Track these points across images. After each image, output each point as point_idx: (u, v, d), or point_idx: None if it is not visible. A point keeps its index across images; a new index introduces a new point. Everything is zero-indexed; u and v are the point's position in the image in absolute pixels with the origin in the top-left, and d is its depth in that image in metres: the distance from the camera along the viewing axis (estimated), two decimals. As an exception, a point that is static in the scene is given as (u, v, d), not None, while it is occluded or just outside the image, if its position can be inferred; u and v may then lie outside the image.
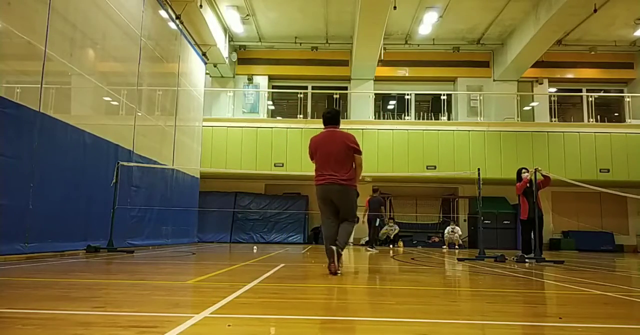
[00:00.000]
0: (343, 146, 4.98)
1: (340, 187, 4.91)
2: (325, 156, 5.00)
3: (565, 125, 16.12)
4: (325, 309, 2.84)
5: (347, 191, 4.96)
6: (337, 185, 4.90)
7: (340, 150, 4.97)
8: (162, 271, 5.12)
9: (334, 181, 4.90)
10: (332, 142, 5.02)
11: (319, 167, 5.04)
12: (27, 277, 4.21)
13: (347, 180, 4.93)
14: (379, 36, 14.43)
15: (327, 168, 4.95)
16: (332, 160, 4.96)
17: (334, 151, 4.97)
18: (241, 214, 16.03)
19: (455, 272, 5.94)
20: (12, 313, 2.40)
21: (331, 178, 4.91)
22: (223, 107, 17.22)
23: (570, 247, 16.05)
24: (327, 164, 4.97)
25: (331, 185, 4.91)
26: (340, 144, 4.99)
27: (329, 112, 5.31)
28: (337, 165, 4.93)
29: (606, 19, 15.05)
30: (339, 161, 4.94)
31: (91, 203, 7.80)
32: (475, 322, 2.53)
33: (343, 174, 4.92)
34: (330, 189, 4.93)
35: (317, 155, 5.08)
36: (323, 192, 4.98)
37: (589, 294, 3.83)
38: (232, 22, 15.73)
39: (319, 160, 5.05)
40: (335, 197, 4.95)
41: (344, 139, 5.06)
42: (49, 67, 6.50)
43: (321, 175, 4.99)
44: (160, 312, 2.51)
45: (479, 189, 8.79)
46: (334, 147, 4.99)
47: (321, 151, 5.04)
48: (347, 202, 5.00)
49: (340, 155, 4.96)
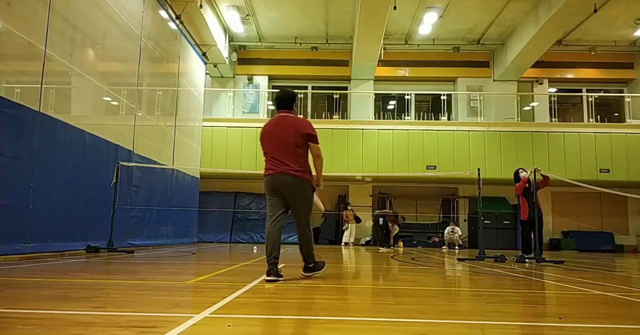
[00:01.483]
0: (295, 133, 4.25)
1: (293, 179, 4.20)
2: (274, 144, 4.29)
3: (565, 125, 16.12)
4: (325, 309, 2.84)
5: (301, 184, 4.25)
6: (289, 176, 4.19)
7: (290, 138, 4.24)
8: (162, 271, 5.12)
9: (285, 171, 4.20)
10: (282, 128, 4.30)
11: (268, 157, 4.35)
12: (27, 277, 4.21)
13: (301, 172, 4.24)
14: (379, 36, 14.43)
15: (277, 157, 4.25)
16: (281, 148, 4.25)
17: (284, 138, 4.26)
18: (241, 214, 16.02)
19: (455, 272, 5.94)
20: (12, 313, 2.40)
21: (282, 168, 4.22)
22: (223, 107, 17.22)
23: (570, 247, 16.04)
24: (276, 152, 4.26)
25: (282, 176, 4.21)
26: (291, 130, 4.27)
27: (279, 96, 4.49)
28: (287, 154, 4.23)
29: (606, 19, 15.05)
30: (289, 150, 4.23)
31: (91, 203, 7.80)
32: (474, 322, 2.54)
33: (296, 165, 4.22)
34: (280, 181, 4.23)
35: (265, 143, 4.38)
36: (272, 183, 4.29)
37: (589, 294, 3.83)
38: (232, 22, 15.73)
39: (267, 149, 4.35)
40: (286, 191, 4.25)
41: (297, 124, 4.32)
42: (49, 67, 6.50)
43: (270, 167, 4.30)
44: (160, 312, 2.52)
45: (479, 189, 8.79)
46: (283, 133, 4.27)
47: (269, 139, 4.33)
48: (300, 197, 4.29)
49: (291, 144, 4.24)
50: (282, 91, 4.54)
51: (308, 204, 4.37)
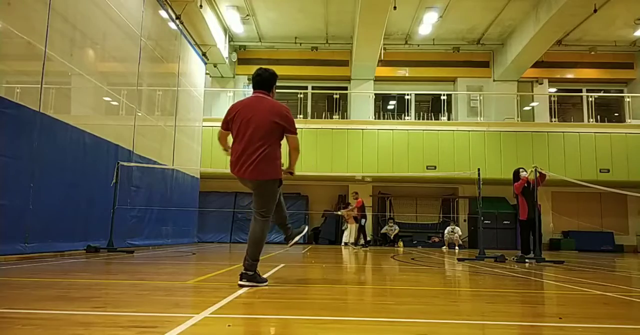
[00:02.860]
0: (269, 117, 3.75)
1: (258, 183, 3.79)
2: (243, 128, 3.77)
3: (565, 125, 16.11)
4: (325, 309, 2.84)
5: (266, 186, 3.80)
6: (254, 181, 3.79)
7: (264, 122, 3.74)
8: (162, 271, 5.12)
9: (249, 174, 3.76)
10: (256, 110, 3.78)
11: (234, 141, 3.86)
12: (27, 277, 4.21)
13: (266, 167, 3.74)
14: (379, 36, 14.42)
15: (243, 144, 3.75)
16: (250, 134, 3.73)
17: (256, 122, 3.74)
18: (241, 214, 16.01)
19: (455, 272, 5.94)
20: (12, 313, 2.40)
21: (245, 166, 3.75)
22: (223, 107, 17.17)
23: (570, 247, 16.04)
24: (243, 138, 3.76)
25: (243, 180, 3.87)
26: (265, 114, 3.76)
27: (259, 74, 3.97)
28: (256, 140, 3.72)
29: (606, 19, 15.04)
30: (258, 135, 3.72)
31: (91, 203, 7.80)
32: (475, 322, 2.54)
33: (262, 157, 3.72)
34: (244, 181, 3.88)
35: (233, 123, 3.84)
36: (242, 182, 3.91)
37: (589, 294, 3.83)
38: (232, 22, 15.73)
39: (235, 131, 3.84)
40: (250, 187, 3.89)
41: (274, 109, 3.81)
42: (49, 67, 6.49)
43: (236, 158, 3.83)
44: (160, 312, 2.52)
45: (479, 189, 8.78)
46: (257, 116, 3.76)
47: (239, 121, 3.79)
48: (264, 194, 3.85)
49: (263, 129, 3.73)
50: (262, 69, 4.01)
51: (273, 198, 3.90)
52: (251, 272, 3.66)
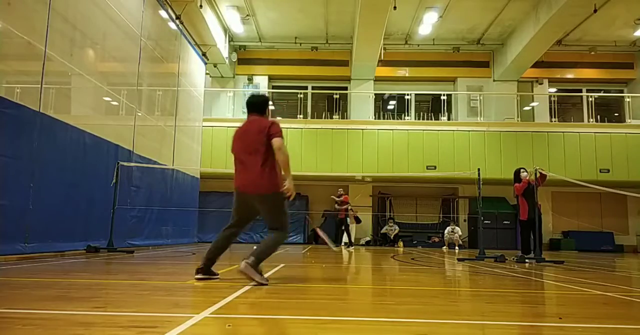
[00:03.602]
0: (258, 134, 3.94)
1: (260, 197, 3.97)
2: (241, 148, 4.04)
3: (565, 125, 16.11)
4: (325, 309, 2.84)
5: (270, 199, 3.98)
6: (256, 195, 3.98)
7: (255, 140, 3.94)
8: (162, 271, 5.12)
9: (251, 190, 3.97)
10: (249, 131, 4.02)
11: (235, 163, 4.11)
12: (27, 277, 4.21)
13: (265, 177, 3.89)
14: (379, 36, 14.42)
15: (241, 164, 4.00)
16: (246, 152, 3.97)
17: (248, 141, 3.98)
18: (241, 214, 15.98)
19: (455, 272, 5.94)
20: (12, 313, 2.40)
21: (249, 183, 3.95)
22: (223, 107, 17.21)
23: (570, 247, 16.04)
24: (240, 158, 4.02)
25: (246, 195, 4.04)
26: (255, 132, 3.96)
27: (250, 100, 4.17)
28: (251, 158, 3.93)
29: (606, 19, 15.04)
30: (252, 152, 3.93)
31: (91, 203, 7.80)
32: (475, 322, 2.54)
33: (259, 170, 3.89)
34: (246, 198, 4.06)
35: (233, 148, 4.15)
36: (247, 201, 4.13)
37: (589, 294, 3.83)
38: (232, 22, 15.73)
39: (235, 154, 4.12)
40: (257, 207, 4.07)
41: (262, 125, 3.98)
42: (49, 67, 6.50)
43: (238, 179, 4.07)
44: (160, 312, 2.52)
45: (479, 189, 8.78)
46: (250, 136, 3.99)
47: (237, 142, 4.11)
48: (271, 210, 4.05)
49: (253, 146, 3.94)
50: (252, 95, 4.19)
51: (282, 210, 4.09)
52: (252, 263, 3.76)
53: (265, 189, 3.90)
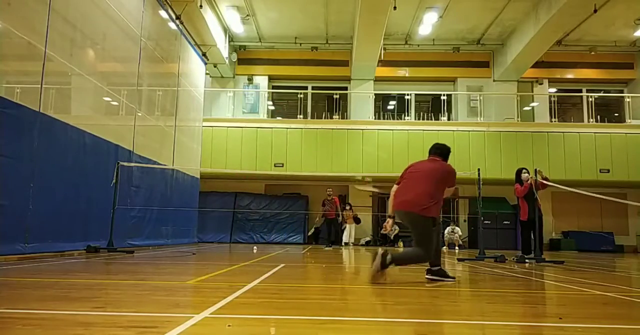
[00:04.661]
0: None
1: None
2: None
3: (565, 125, 16.11)
4: (325, 309, 2.84)
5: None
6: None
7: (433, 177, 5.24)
8: (162, 271, 5.12)
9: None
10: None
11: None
12: (27, 277, 4.21)
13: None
14: (379, 36, 14.42)
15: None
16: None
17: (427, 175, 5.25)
18: (241, 214, 16.02)
19: (455, 272, 5.93)
20: (12, 313, 2.40)
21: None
22: (223, 107, 17.21)
23: (570, 247, 16.03)
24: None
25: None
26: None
27: (439, 148, 5.67)
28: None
29: (606, 19, 15.04)
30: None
31: (91, 203, 7.80)
32: (475, 322, 2.54)
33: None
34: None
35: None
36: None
37: (589, 294, 3.83)
38: (232, 22, 15.73)
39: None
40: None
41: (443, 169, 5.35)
42: (49, 67, 6.49)
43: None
44: (160, 312, 2.52)
45: (479, 189, 8.78)
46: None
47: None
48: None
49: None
50: (440, 144, 5.60)
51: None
52: (436, 268, 4.57)
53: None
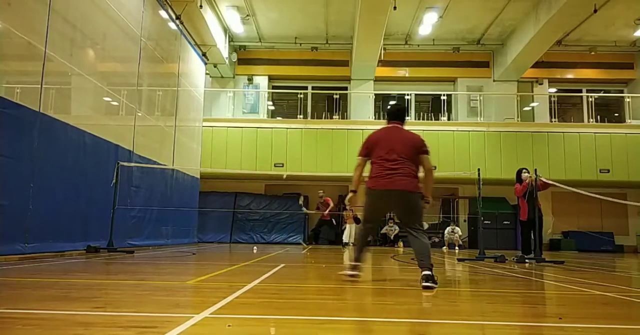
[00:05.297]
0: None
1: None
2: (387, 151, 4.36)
3: (565, 125, 16.10)
4: (325, 309, 2.84)
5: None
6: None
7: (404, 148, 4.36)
8: (162, 271, 5.12)
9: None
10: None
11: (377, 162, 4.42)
12: (27, 277, 4.21)
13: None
14: (379, 36, 14.42)
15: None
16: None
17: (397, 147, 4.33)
18: (241, 214, 16.02)
19: (455, 272, 5.94)
20: (12, 313, 2.40)
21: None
22: (223, 108, 17.21)
23: (570, 247, 16.03)
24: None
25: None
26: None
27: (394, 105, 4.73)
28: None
29: (606, 19, 15.04)
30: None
31: (91, 203, 7.80)
32: (474, 322, 2.54)
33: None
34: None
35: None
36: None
37: (589, 294, 3.83)
38: (232, 23, 15.73)
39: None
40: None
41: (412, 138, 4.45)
42: (49, 67, 6.50)
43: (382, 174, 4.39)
44: (160, 313, 2.52)
45: (479, 189, 8.78)
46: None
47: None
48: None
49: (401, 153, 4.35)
50: (396, 103, 4.67)
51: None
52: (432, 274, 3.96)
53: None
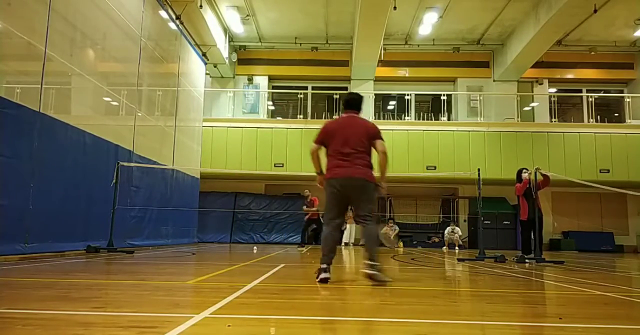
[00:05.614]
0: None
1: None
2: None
3: (565, 125, 16.11)
4: (325, 309, 2.83)
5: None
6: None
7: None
8: (162, 271, 5.12)
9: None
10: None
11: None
12: (27, 277, 4.21)
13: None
14: (379, 36, 14.42)
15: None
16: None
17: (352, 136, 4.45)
18: (241, 214, 16.02)
19: (455, 272, 5.94)
20: (12, 313, 2.40)
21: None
22: (223, 108, 17.21)
23: (571, 247, 16.03)
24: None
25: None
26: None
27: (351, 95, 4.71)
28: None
29: (606, 20, 15.04)
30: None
31: (91, 203, 7.80)
32: (475, 322, 2.54)
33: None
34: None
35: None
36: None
37: (589, 294, 3.83)
38: (232, 23, 15.73)
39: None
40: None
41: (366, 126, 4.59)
42: (49, 67, 6.50)
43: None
44: (160, 313, 2.52)
45: (479, 190, 8.78)
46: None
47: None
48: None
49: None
50: (352, 93, 4.77)
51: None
52: (378, 263, 4.10)
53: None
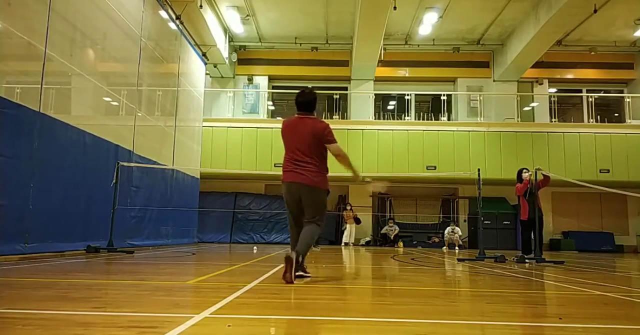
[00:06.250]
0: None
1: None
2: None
3: (565, 125, 16.11)
4: (325, 309, 2.83)
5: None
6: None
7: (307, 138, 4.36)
8: (162, 271, 5.12)
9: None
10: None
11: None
12: (27, 277, 4.21)
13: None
14: (379, 36, 14.42)
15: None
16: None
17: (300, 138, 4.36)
18: (241, 214, 16.02)
19: (455, 272, 5.94)
20: (12, 313, 2.40)
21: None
22: (223, 108, 17.21)
23: (571, 247, 16.03)
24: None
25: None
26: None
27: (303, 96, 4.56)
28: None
29: (606, 20, 15.04)
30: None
31: (91, 203, 7.80)
32: (475, 322, 2.54)
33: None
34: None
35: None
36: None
37: (589, 294, 3.83)
38: (232, 23, 15.73)
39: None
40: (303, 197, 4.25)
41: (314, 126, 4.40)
42: (49, 67, 6.50)
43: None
44: (160, 313, 2.52)
45: (479, 190, 8.78)
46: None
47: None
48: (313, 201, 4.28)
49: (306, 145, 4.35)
50: (303, 92, 4.57)
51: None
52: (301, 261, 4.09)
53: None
